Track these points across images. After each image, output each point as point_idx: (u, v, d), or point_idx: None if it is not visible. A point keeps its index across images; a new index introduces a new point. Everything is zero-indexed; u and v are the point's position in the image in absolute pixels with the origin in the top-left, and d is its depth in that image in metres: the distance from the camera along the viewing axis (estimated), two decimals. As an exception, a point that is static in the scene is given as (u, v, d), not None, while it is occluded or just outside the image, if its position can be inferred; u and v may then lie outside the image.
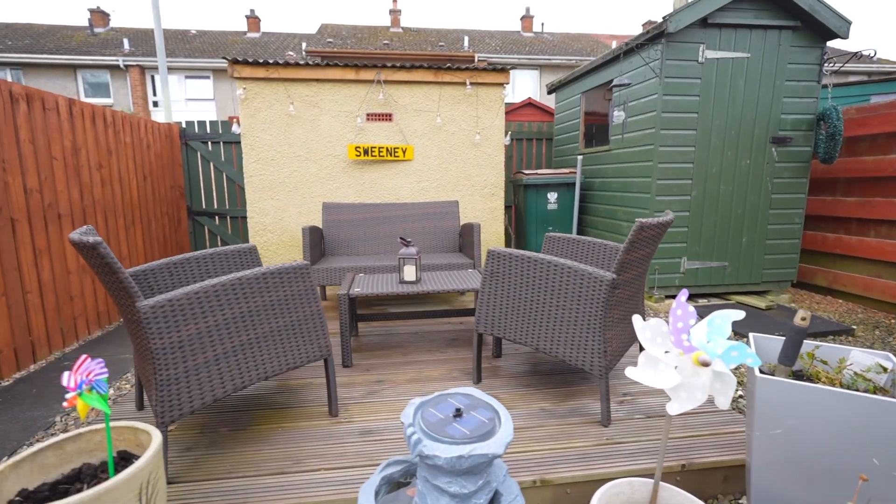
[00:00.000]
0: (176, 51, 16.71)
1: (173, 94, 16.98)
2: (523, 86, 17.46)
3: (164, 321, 1.45)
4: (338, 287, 4.11)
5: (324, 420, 1.90)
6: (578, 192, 4.47)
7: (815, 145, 3.67)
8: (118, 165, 4.09)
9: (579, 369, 2.33)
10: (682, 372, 1.20)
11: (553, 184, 4.45)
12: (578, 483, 1.54)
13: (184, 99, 16.87)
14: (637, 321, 1.27)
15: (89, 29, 18.39)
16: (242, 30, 20.04)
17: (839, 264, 4.01)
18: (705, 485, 1.61)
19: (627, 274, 1.84)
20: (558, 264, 1.86)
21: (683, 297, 1.25)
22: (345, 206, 3.76)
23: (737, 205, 3.67)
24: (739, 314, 1.23)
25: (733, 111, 3.54)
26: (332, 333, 3.10)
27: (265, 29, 21.94)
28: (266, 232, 4.02)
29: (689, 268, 3.71)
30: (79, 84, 16.54)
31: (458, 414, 1.20)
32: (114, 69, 16.42)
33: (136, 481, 1.05)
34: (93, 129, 3.79)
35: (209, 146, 5.23)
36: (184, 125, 5.18)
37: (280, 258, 4.06)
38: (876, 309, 3.66)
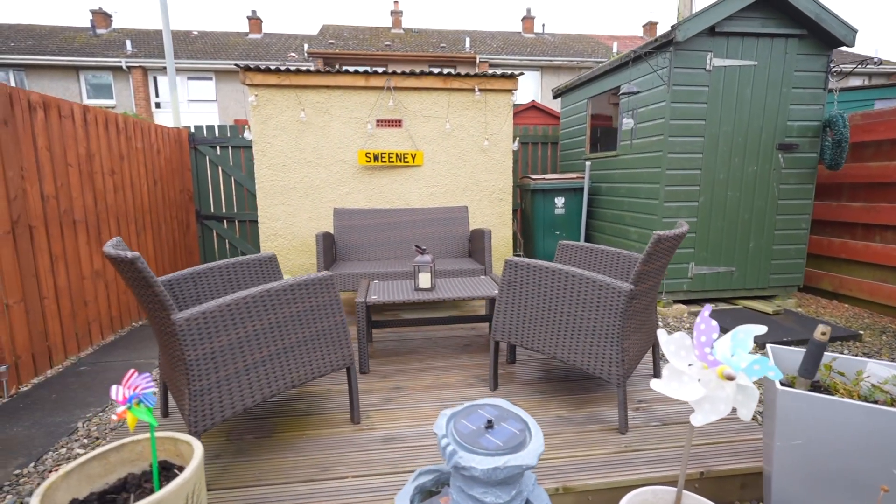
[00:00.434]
0: (178, 52, 16.73)
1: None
2: (525, 87, 17.51)
3: (198, 333, 1.49)
4: (350, 293, 4.15)
5: (346, 427, 1.94)
6: (587, 197, 4.52)
7: (821, 152, 3.71)
8: (130, 171, 4.13)
9: (593, 376, 2.37)
10: (706, 385, 1.24)
11: (560, 189, 4.49)
12: (600, 490, 1.58)
13: (186, 100, 16.91)
14: (662, 335, 1.31)
15: (91, 30, 18.42)
16: (244, 31, 20.06)
17: (845, 269, 4.05)
18: (723, 492, 1.65)
19: (644, 284, 1.88)
20: (576, 275, 1.90)
21: (707, 312, 1.30)
22: (355, 211, 3.80)
23: (744, 210, 3.71)
24: (761, 329, 1.27)
25: (740, 118, 3.58)
26: (345, 339, 3.14)
27: (267, 30, 21.97)
28: (277, 237, 4.06)
29: (697, 273, 3.75)
30: (81, 85, 16.57)
31: (490, 425, 1.24)
32: (116, 70, 16.45)
33: (183, 492, 1.09)
34: (106, 136, 3.83)
35: (217, 150, 5.27)
36: (192, 129, 5.22)
37: (291, 263, 4.10)
38: (882, 314, 3.71)
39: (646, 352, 2.14)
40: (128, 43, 16.99)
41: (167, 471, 1.27)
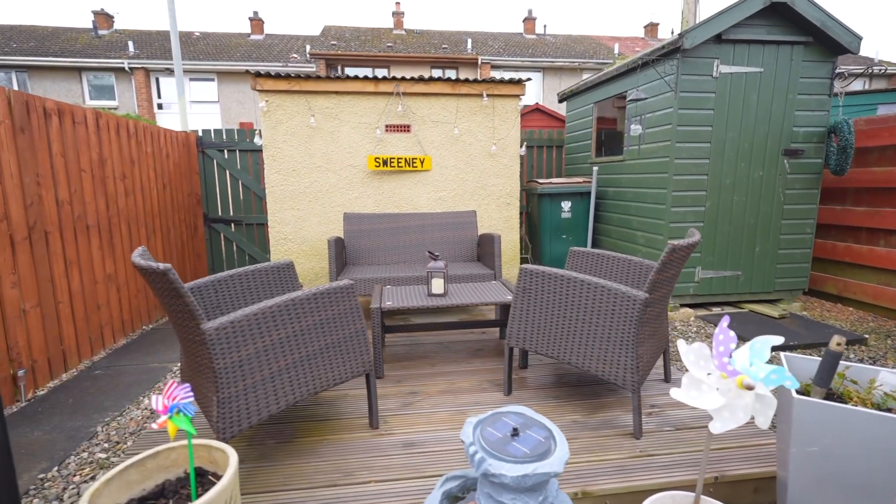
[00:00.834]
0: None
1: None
2: (527, 88, 17.53)
3: (227, 342, 1.53)
4: (362, 297, 4.18)
5: (365, 432, 1.98)
6: (594, 201, 4.56)
7: (826, 157, 3.75)
8: (140, 175, 4.17)
9: (605, 381, 2.41)
10: (725, 394, 1.28)
11: (567, 193, 4.53)
12: (618, 494, 1.61)
13: (188, 101, 16.93)
14: (682, 345, 1.34)
15: (93, 31, 18.44)
16: (246, 32, 20.09)
17: (849, 272, 4.10)
18: (737, 496, 1.69)
19: (658, 293, 1.92)
20: (592, 283, 1.94)
21: (725, 323, 1.34)
22: (365, 216, 3.84)
23: (750, 215, 3.76)
24: (778, 339, 1.31)
25: (746, 124, 3.62)
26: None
27: (268, 31, 21.99)
28: (287, 241, 4.10)
29: (704, 277, 3.79)
30: (84, 86, 16.59)
31: (515, 433, 1.28)
32: (119, 72, 16.47)
33: (222, 499, 1.13)
34: (117, 141, 3.87)
35: (225, 154, 5.31)
36: (200, 133, 5.26)
37: (300, 267, 4.14)
38: (886, 317, 3.75)
39: (658, 357, 2.18)
40: (130, 44, 17.01)
41: (201, 477, 1.30)
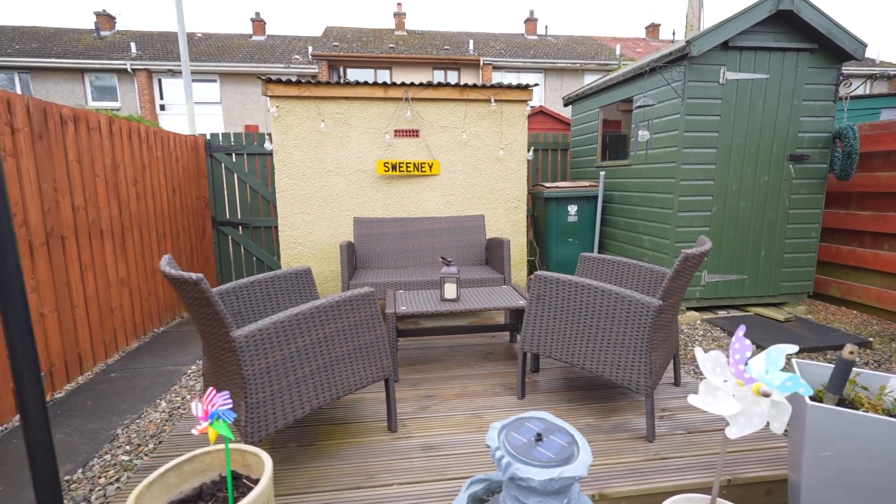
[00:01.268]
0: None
1: (180, 98, 17.09)
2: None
3: (255, 349, 1.57)
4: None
5: (384, 435, 2.02)
6: (601, 205, 4.60)
7: (830, 162, 3.80)
8: (151, 180, 4.22)
9: (617, 385, 2.45)
10: (741, 400, 1.33)
11: (574, 197, 4.58)
12: (633, 497, 1.66)
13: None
14: (699, 353, 1.39)
15: (96, 32, 18.48)
16: (248, 33, 20.13)
17: (853, 276, 4.14)
18: (749, 498, 1.73)
19: (671, 300, 1.96)
20: (606, 290, 1.99)
21: (741, 332, 1.38)
22: (375, 220, 3.89)
23: (755, 220, 3.80)
24: (793, 348, 1.36)
25: (752, 130, 3.67)
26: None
27: (270, 32, 22.04)
28: (297, 245, 4.14)
29: (710, 281, 3.83)
30: (86, 88, 16.64)
31: (539, 438, 1.32)
32: (121, 73, 16.51)
33: (260, 502, 1.18)
34: (129, 146, 3.92)
35: (233, 157, 5.36)
36: (209, 137, 5.30)
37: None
38: (890, 321, 3.79)
39: (669, 362, 2.22)
40: (132, 45, 17.05)
41: (236, 480, 1.35)
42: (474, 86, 4.12)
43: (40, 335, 2.86)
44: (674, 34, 21.97)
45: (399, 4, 19.71)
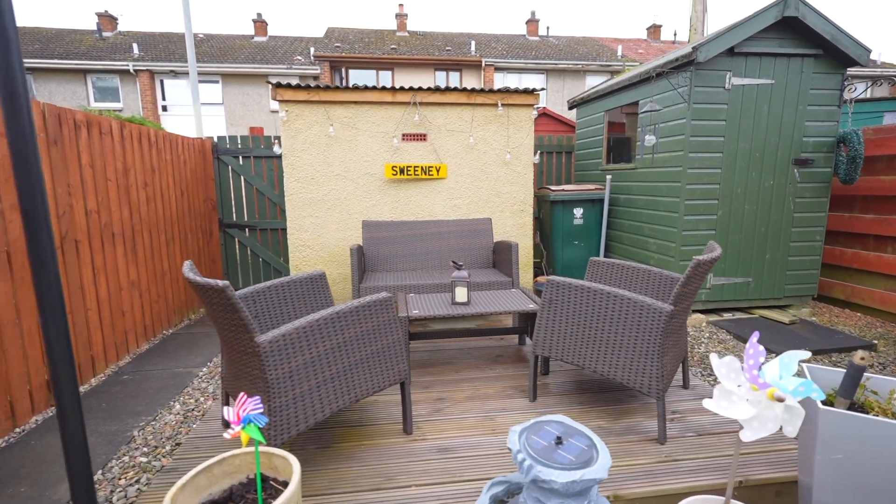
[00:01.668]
0: (184, 55, 16.82)
1: (182, 99, 17.14)
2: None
3: (279, 354, 1.61)
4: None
5: (400, 438, 2.06)
6: (607, 209, 4.64)
7: (835, 166, 3.84)
8: (160, 183, 4.25)
9: (627, 388, 2.49)
10: (755, 405, 1.36)
11: (579, 200, 4.62)
12: (648, 498, 1.70)
13: (192, 103, 16.99)
14: (714, 359, 1.43)
15: (98, 33, 18.52)
16: (249, 34, 20.17)
17: (856, 278, 4.18)
18: (760, 500, 1.77)
19: (682, 305, 2.00)
20: (619, 295, 2.02)
21: (755, 339, 1.42)
22: (383, 223, 3.92)
23: (760, 223, 3.84)
24: (805, 354, 1.40)
25: (758, 134, 3.71)
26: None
27: (272, 33, 22.08)
28: (305, 248, 4.18)
29: (715, 284, 3.87)
30: (88, 89, 16.68)
31: (559, 441, 1.36)
32: (123, 73, 16.55)
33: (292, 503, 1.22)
34: (139, 150, 3.95)
35: (240, 160, 5.39)
36: (216, 140, 5.34)
37: (319, 273, 4.21)
38: (893, 323, 3.83)
39: (679, 365, 2.26)
40: (134, 46, 17.09)
41: (263, 482, 1.39)
42: (482, 90, 4.16)
43: (56, 338, 2.89)
44: (675, 35, 22.03)
45: (401, 5, 19.74)
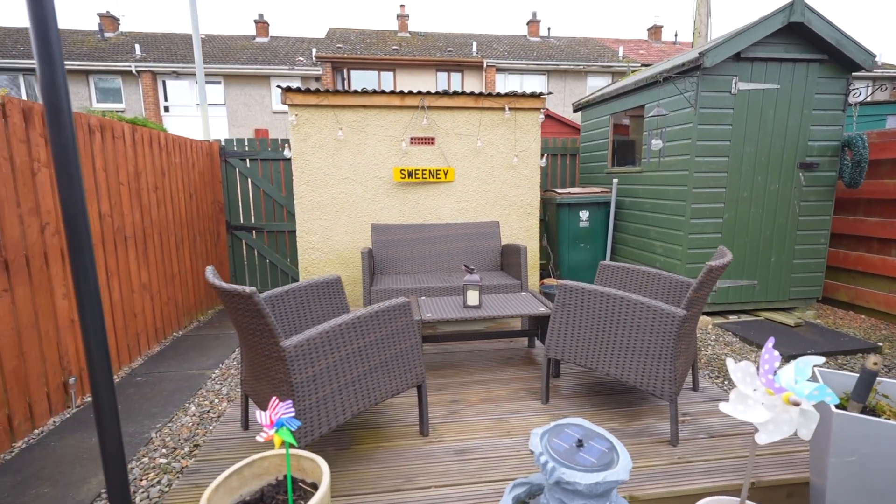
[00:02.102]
0: (186, 56, 16.86)
1: (183, 100, 17.17)
2: (531, 90, 17.64)
3: (303, 358, 1.65)
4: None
5: (417, 439, 2.10)
6: (613, 212, 4.68)
7: (840, 170, 3.88)
8: (170, 186, 4.29)
9: (640, 390, 2.53)
10: (771, 408, 1.40)
11: (585, 203, 4.65)
12: (663, 499, 1.74)
13: (194, 104, 17.04)
14: (730, 363, 1.47)
15: (99, 34, 18.53)
16: (251, 34, 20.20)
17: (860, 281, 4.22)
18: (772, 500, 1.81)
19: (693, 309, 2.04)
20: (631, 300, 2.06)
21: (770, 344, 1.46)
22: (392, 226, 3.96)
23: (766, 227, 3.88)
24: (820, 359, 1.43)
25: (763, 139, 3.75)
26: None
27: (273, 34, 22.11)
28: (314, 250, 4.22)
29: (721, 286, 3.91)
30: (90, 89, 16.71)
31: (580, 444, 1.40)
32: (125, 74, 16.57)
33: (323, 504, 1.25)
34: (150, 153, 3.99)
35: (247, 163, 5.43)
36: (223, 143, 5.38)
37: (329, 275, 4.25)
38: (897, 325, 3.88)
39: (689, 368, 2.30)
40: (136, 47, 17.11)
41: (293, 484, 1.42)
42: (489, 94, 4.20)
43: (71, 341, 2.94)
44: (675, 35, 22.06)
45: (402, 6, 19.77)
